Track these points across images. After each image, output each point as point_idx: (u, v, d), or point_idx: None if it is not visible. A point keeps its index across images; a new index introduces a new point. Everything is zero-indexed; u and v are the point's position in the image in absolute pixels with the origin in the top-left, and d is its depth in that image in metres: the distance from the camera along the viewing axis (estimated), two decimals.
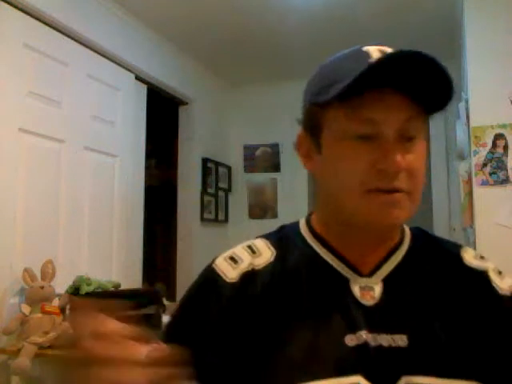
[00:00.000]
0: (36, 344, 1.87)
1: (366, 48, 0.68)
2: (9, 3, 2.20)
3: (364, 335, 0.66)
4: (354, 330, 0.67)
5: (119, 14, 2.88)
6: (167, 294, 3.36)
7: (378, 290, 0.70)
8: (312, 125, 0.72)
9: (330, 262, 0.73)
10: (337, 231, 0.74)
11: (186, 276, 3.48)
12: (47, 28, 2.41)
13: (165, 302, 2.21)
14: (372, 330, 0.67)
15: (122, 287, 2.29)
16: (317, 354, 0.65)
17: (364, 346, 0.66)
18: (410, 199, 0.68)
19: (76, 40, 2.59)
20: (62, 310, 2.06)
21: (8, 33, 2.19)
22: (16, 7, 2.24)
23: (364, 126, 0.66)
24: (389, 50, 0.67)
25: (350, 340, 0.66)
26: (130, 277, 2.88)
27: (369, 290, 0.70)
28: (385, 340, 0.66)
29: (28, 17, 2.30)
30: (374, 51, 0.67)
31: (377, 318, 0.68)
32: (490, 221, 2.42)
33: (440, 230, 3.52)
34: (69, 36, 2.54)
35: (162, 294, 2.32)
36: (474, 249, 2.43)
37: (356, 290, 0.70)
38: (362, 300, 0.69)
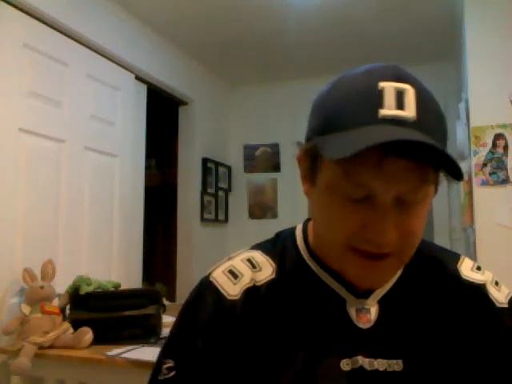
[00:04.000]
0: (36, 344, 1.86)
1: (381, 85, 0.60)
2: (9, 3, 2.20)
3: (360, 360, 0.66)
4: (349, 354, 0.66)
5: (119, 14, 2.88)
6: (167, 294, 3.37)
7: (374, 312, 0.69)
8: (311, 157, 0.66)
9: (327, 281, 0.71)
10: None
11: (186, 276, 3.46)
12: (47, 28, 2.41)
13: (165, 301, 2.20)
14: (368, 354, 0.66)
15: (122, 287, 2.29)
16: (311, 379, 0.65)
17: (359, 370, 0.65)
18: (399, 259, 0.65)
19: (76, 40, 2.59)
20: (62, 310, 2.05)
21: (8, 33, 2.19)
22: (16, 7, 2.24)
23: (358, 190, 0.60)
24: (406, 87, 0.60)
25: (346, 364, 0.66)
26: (130, 277, 2.88)
27: (365, 313, 0.69)
28: (381, 365, 0.66)
29: (28, 17, 2.30)
30: (389, 94, 0.59)
31: (373, 342, 0.67)
32: (490, 221, 2.42)
33: (440, 230, 3.52)
34: (69, 36, 2.54)
35: (162, 294, 2.32)
36: (474, 249, 2.43)
37: (352, 312, 0.69)
38: (358, 323, 0.68)
